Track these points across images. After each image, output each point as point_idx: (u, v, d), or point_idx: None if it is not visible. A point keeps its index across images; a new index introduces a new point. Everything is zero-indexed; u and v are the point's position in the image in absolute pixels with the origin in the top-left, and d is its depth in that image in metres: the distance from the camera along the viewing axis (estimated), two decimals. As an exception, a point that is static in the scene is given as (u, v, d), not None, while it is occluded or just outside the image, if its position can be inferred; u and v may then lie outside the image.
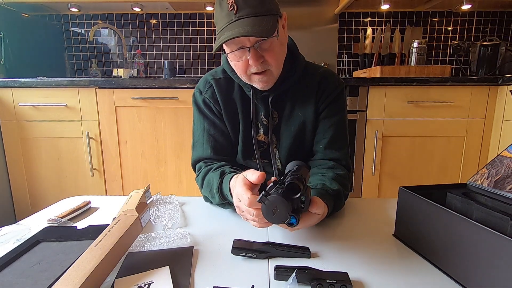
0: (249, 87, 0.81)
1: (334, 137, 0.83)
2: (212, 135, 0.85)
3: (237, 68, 0.76)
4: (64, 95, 1.70)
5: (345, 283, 0.46)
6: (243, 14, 0.67)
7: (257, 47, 0.70)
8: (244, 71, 0.75)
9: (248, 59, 0.71)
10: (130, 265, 0.53)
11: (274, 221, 0.50)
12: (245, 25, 0.66)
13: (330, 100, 0.83)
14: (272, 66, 0.74)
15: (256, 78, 0.75)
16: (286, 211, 0.48)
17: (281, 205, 0.48)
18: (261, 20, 0.67)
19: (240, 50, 0.71)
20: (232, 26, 0.67)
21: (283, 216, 0.49)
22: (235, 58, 0.73)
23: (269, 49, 0.71)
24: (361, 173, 1.77)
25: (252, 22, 0.66)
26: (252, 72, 0.74)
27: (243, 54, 0.72)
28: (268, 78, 0.76)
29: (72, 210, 0.77)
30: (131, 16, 2.35)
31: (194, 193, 1.79)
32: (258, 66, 0.72)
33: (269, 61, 0.73)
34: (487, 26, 2.27)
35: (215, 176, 0.74)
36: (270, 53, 0.72)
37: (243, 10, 0.67)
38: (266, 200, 0.49)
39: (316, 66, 0.88)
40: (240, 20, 0.67)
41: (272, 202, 0.48)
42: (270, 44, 0.71)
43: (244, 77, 0.77)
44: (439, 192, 0.60)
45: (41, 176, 1.80)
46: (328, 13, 2.28)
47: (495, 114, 1.68)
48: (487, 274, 0.43)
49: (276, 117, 0.85)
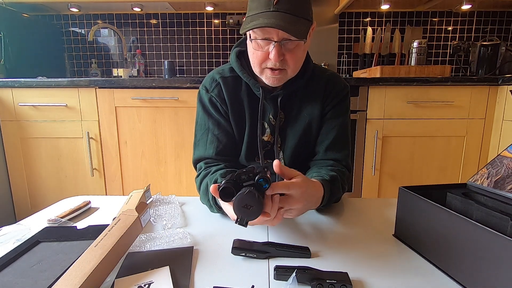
0: (259, 87, 0.81)
1: (336, 139, 0.83)
2: (215, 135, 0.84)
3: (255, 57, 0.74)
4: (64, 95, 1.70)
5: (345, 283, 0.46)
6: (282, 8, 0.67)
7: (282, 45, 0.70)
8: (260, 62, 0.74)
9: (270, 52, 0.71)
10: (130, 265, 0.53)
11: (253, 214, 0.50)
12: (281, 19, 0.66)
13: (335, 103, 0.84)
14: (289, 67, 0.74)
15: (269, 73, 0.74)
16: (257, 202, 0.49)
17: (250, 200, 0.49)
18: (298, 20, 0.68)
19: (265, 41, 0.70)
20: (268, 15, 0.66)
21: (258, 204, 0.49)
22: (257, 46, 0.73)
23: (292, 51, 0.72)
24: (361, 173, 1.77)
25: (289, 18, 0.66)
26: (268, 66, 0.73)
27: (266, 46, 0.71)
28: (281, 77, 0.75)
29: (72, 210, 0.77)
30: (131, 16, 2.35)
31: (194, 193, 1.78)
32: (277, 63, 0.71)
33: (288, 62, 0.72)
34: (487, 26, 2.27)
35: (210, 183, 0.73)
36: (292, 55, 0.72)
37: (283, 4, 0.67)
38: (239, 217, 0.50)
39: (323, 69, 0.88)
40: (278, 13, 0.66)
41: (242, 205, 0.49)
42: (295, 46, 0.71)
43: (257, 68, 0.76)
44: (439, 192, 0.60)
45: (41, 176, 1.80)
46: (328, 13, 2.28)
47: (495, 114, 1.68)
48: (487, 274, 0.43)
49: (282, 118, 0.85)
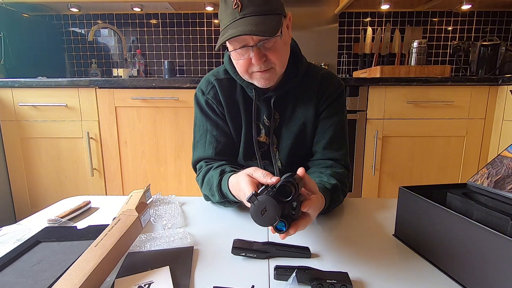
0: (252, 89, 0.81)
1: (333, 138, 0.83)
2: (214, 136, 0.85)
3: (239, 66, 0.75)
4: (64, 95, 1.70)
5: (345, 283, 0.46)
6: (247, 12, 0.67)
7: (260, 46, 0.70)
8: (245, 70, 0.74)
9: (251, 58, 0.71)
10: (130, 265, 0.53)
11: (261, 223, 0.47)
12: (249, 24, 0.66)
13: (330, 102, 0.83)
14: (275, 64, 0.74)
15: (258, 76, 0.75)
16: (275, 213, 0.46)
17: (270, 206, 0.46)
18: (265, 19, 0.67)
19: (243, 49, 0.70)
20: (236, 24, 0.67)
21: (271, 218, 0.47)
22: (237, 56, 0.73)
23: (272, 48, 0.71)
24: (361, 173, 1.77)
25: (256, 20, 0.66)
26: (254, 70, 0.74)
27: (246, 53, 0.71)
28: (271, 76, 0.75)
29: (72, 210, 0.77)
30: (131, 16, 2.35)
31: (194, 193, 1.79)
32: (261, 65, 0.72)
33: (272, 60, 0.73)
34: (487, 26, 2.27)
35: (215, 174, 0.74)
36: (273, 53, 0.72)
37: (248, 8, 0.67)
38: (255, 200, 0.47)
39: (317, 68, 0.88)
40: (244, 18, 0.67)
41: (262, 203, 0.47)
42: (274, 43, 0.71)
43: (246, 75, 0.77)
44: (439, 192, 0.60)
45: (41, 176, 1.80)
46: (328, 13, 2.28)
47: (495, 114, 1.68)
48: (487, 274, 0.43)
49: (277, 118, 0.85)
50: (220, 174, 0.73)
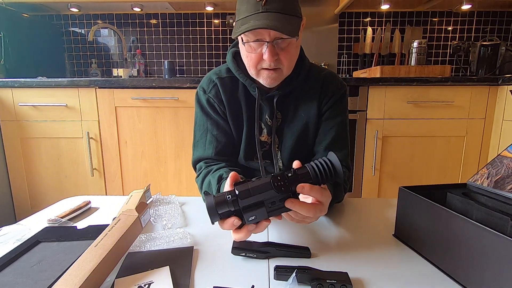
0: (255, 87, 0.81)
1: (335, 138, 0.83)
2: (214, 135, 0.84)
3: (249, 60, 0.75)
4: (64, 95, 1.70)
5: (345, 283, 0.46)
6: (271, 8, 0.67)
7: (275, 44, 0.70)
8: (255, 64, 0.74)
9: (263, 53, 0.71)
10: (130, 265, 0.53)
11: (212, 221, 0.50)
12: (272, 19, 0.66)
13: (332, 102, 0.84)
14: (284, 66, 0.74)
15: (265, 73, 0.75)
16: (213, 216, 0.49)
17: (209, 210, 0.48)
18: (288, 18, 0.68)
19: (257, 43, 0.70)
20: (259, 17, 0.66)
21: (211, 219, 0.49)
22: (250, 49, 0.73)
23: (285, 49, 0.72)
24: (361, 173, 1.77)
25: (279, 17, 0.66)
26: (263, 67, 0.74)
27: (259, 47, 0.71)
28: (277, 76, 0.75)
29: (72, 210, 0.77)
30: (131, 16, 2.35)
31: (194, 193, 1.79)
32: (272, 63, 0.71)
33: (283, 61, 0.73)
34: (487, 26, 2.27)
35: (213, 181, 0.73)
36: (285, 53, 0.72)
37: (272, 4, 0.67)
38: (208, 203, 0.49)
39: (319, 68, 0.88)
40: (268, 13, 0.67)
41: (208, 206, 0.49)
42: (288, 44, 0.71)
43: (253, 70, 0.76)
44: (439, 192, 0.60)
45: (41, 176, 1.80)
46: (328, 13, 2.28)
47: (495, 114, 1.68)
48: (487, 274, 0.43)
49: (279, 118, 0.85)
50: (218, 181, 0.72)
